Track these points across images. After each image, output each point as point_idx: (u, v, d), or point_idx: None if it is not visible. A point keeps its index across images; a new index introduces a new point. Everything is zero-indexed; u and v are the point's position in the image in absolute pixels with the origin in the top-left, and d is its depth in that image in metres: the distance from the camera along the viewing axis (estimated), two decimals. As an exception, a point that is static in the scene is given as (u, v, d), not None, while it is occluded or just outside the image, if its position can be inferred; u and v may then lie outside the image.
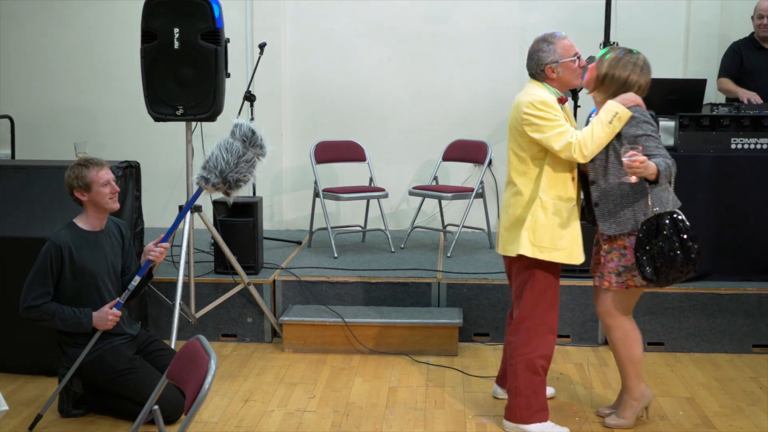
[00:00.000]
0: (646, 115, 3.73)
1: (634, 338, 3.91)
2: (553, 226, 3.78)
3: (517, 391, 3.90)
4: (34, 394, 4.40)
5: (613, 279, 3.83)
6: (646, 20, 6.67)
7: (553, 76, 3.84)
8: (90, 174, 3.94)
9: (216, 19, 4.66)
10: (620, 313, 3.90)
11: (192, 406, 2.67)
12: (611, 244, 3.83)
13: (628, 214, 3.74)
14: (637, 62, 3.80)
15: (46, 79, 7.11)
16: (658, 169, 3.55)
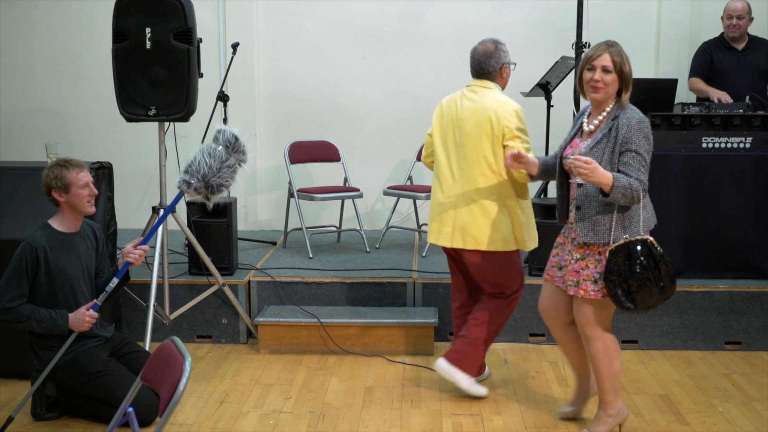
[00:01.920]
0: (649, 134, 3.55)
1: (614, 351, 3.77)
2: (530, 224, 4.24)
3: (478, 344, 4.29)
4: (6, 397, 4.35)
5: (590, 287, 3.65)
6: (617, 21, 6.73)
7: (505, 76, 4.18)
8: (69, 175, 3.90)
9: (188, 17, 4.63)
10: (601, 325, 3.73)
11: (167, 408, 2.65)
12: (584, 251, 3.66)
13: (607, 225, 3.58)
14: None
15: (17, 80, 7.03)
16: (613, 182, 3.42)
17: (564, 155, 3.70)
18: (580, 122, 3.77)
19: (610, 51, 3.58)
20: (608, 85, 3.57)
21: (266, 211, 7.06)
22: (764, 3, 6.52)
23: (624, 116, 3.57)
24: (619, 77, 3.58)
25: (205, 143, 4.07)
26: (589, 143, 3.62)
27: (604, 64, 3.57)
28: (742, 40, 6.02)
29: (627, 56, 3.61)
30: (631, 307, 3.57)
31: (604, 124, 3.62)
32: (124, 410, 3.00)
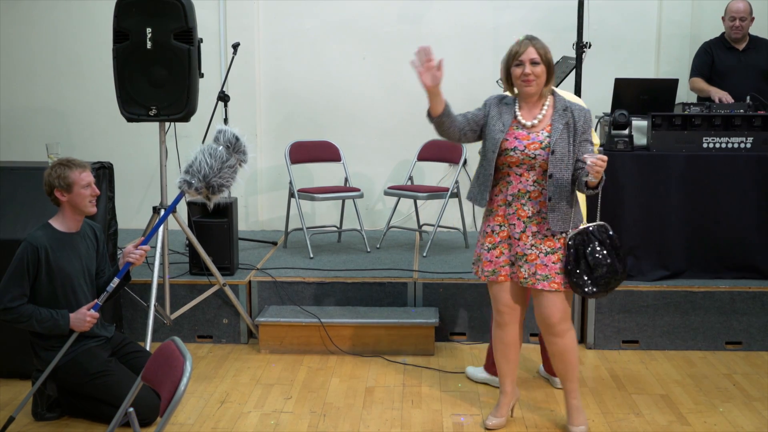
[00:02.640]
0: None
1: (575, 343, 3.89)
2: None
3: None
4: (7, 397, 4.35)
5: (562, 279, 3.70)
6: (618, 21, 6.73)
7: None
8: (72, 174, 3.91)
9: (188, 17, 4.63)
10: (570, 316, 3.83)
11: (168, 408, 2.65)
12: (554, 244, 3.71)
13: (570, 214, 3.70)
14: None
15: (18, 80, 7.03)
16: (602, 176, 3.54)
17: (511, 147, 3.67)
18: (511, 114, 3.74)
19: (534, 44, 3.67)
20: (539, 76, 3.66)
21: (267, 211, 7.06)
22: (764, 3, 6.52)
23: (575, 107, 3.71)
24: (546, 67, 3.67)
25: (205, 143, 4.08)
26: (552, 133, 3.65)
27: (532, 57, 3.65)
28: (743, 40, 6.02)
29: (546, 45, 3.70)
30: (594, 292, 3.67)
31: (556, 114, 3.70)
32: (125, 410, 3.00)
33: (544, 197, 3.69)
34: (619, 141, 5.25)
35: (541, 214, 3.71)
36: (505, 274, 3.83)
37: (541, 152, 3.65)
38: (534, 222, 3.72)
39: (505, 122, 3.74)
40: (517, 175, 3.72)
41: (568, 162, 3.65)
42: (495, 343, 3.99)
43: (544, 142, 3.66)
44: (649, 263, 5.20)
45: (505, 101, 3.81)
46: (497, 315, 3.94)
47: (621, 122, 5.25)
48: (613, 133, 5.26)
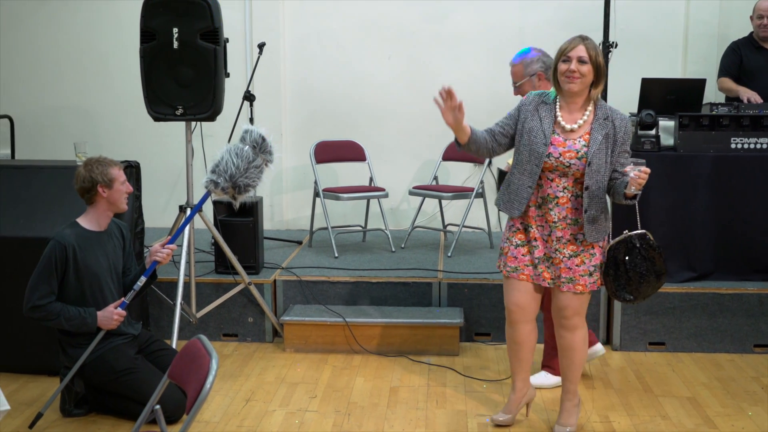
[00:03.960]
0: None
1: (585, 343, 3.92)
2: None
3: None
4: (36, 393, 4.40)
5: (587, 281, 3.73)
6: (645, 20, 6.68)
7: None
8: (113, 171, 3.97)
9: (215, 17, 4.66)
10: (584, 314, 3.87)
11: (193, 406, 2.67)
12: (576, 248, 3.72)
13: (603, 222, 3.73)
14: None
15: (46, 79, 7.10)
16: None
17: (548, 153, 3.64)
18: (551, 116, 3.70)
19: (585, 43, 3.64)
20: (584, 75, 3.62)
21: (292, 211, 7.08)
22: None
23: (617, 116, 3.67)
24: (594, 69, 3.62)
25: (232, 143, 4.10)
26: (591, 145, 3.61)
27: (580, 55, 3.61)
28: (772, 39, 5.96)
29: (598, 48, 3.66)
30: (631, 299, 3.71)
31: (596, 123, 3.65)
32: (151, 407, 3.02)
33: (577, 205, 3.68)
34: (645, 141, 5.21)
35: (567, 219, 3.70)
36: (527, 273, 3.83)
37: (576, 162, 3.62)
38: (559, 227, 3.71)
39: (546, 130, 3.67)
40: (548, 179, 3.70)
41: (604, 173, 3.64)
42: (507, 341, 4.02)
43: (580, 152, 3.62)
44: (676, 265, 5.16)
45: (543, 99, 3.76)
46: (507, 313, 3.96)
47: (648, 122, 5.21)
48: (639, 134, 5.23)
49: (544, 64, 4.37)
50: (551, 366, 4.52)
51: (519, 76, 4.41)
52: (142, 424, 3.09)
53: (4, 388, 3.11)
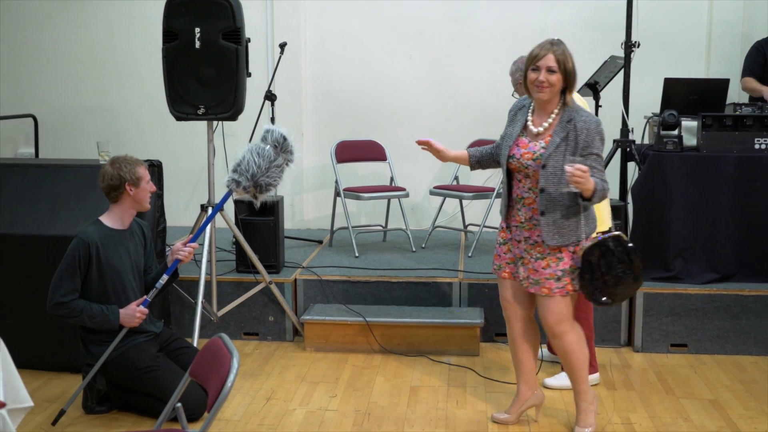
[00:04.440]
0: (604, 134, 3.64)
1: (584, 338, 3.87)
2: None
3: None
4: (59, 390, 4.43)
5: (553, 284, 3.69)
6: (667, 20, 6.63)
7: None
8: (140, 170, 4.01)
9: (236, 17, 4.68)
10: (567, 319, 3.78)
11: (215, 404, 2.68)
12: (543, 250, 3.69)
13: (573, 227, 3.64)
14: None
15: (70, 79, 7.16)
16: (595, 187, 3.49)
17: (510, 154, 3.71)
18: (523, 120, 3.76)
19: (553, 50, 3.62)
20: (553, 85, 3.62)
21: (313, 210, 7.09)
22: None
23: (580, 119, 3.61)
24: (564, 76, 3.61)
25: (253, 142, 4.11)
26: (548, 147, 3.62)
27: (549, 65, 3.61)
28: (797, 39, 5.91)
29: (570, 54, 3.65)
30: (608, 302, 3.65)
31: (559, 126, 3.64)
32: (173, 405, 3.04)
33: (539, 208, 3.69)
34: (668, 141, 5.18)
35: (533, 221, 3.71)
36: (508, 271, 3.88)
37: (531, 163, 3.65)
38: (526, 227, 3.74)
39: (516, 129, 3.75)
40: (517, 180, 3.75)
41: (562, 176, 3.56)
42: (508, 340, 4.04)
43: (536, 154, 3.65)
44: (699, 266, 5.13)
45: (524, 103, 3.83)
46: (502, 309, 4.00)
47: (670, 122, 5.18)
48: (662, 134, 5.20)
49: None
50: None
51: (513, 84, 4.53)
52: (164, 421, 3.11)
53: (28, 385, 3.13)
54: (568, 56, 3.63)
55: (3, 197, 4.75)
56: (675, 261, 5.15)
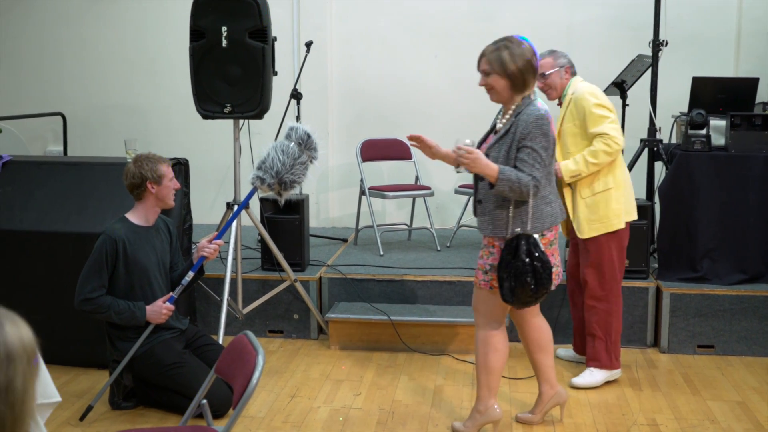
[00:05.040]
0: (546, 129, 3.54)
1: (493, 346, 3.76)
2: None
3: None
4: (86, 386, 4.48)
5: (480, 276, 3.73)
6: (696, 18, 6.57)
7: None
8: (162, 167, 4.03)
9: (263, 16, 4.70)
10: (487, 315, 3.76)
11: (240, 401, 2.69)
12: (484, 241, 3.73)
13: (504, 219, 3.59)
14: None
15: (98, 77, 7.22)
16: (497, 174, 3.46)
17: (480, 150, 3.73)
18: (495, 120, 3.80)
19: (487, 55, 3.62)
20: (493, 86, 3.61)
21: (338, 209, 7.10)
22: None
23: (524, 113, 3.56)
24: (505, 77, 3.56)
25: (278, 140, 4.13)
26: (494, 139, 3.66)
27: (482, 68, 3.64)
28: (828, 37, 5.84)
29: (516, 54, 3.54)
30: (510, 301, 3.60)
31: (508, 121, 3.64)
32: (198, 402, 3.06)
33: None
34: (696, 141, 5.14)
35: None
36: None
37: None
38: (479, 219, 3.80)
39: (489, 127, 3.82)
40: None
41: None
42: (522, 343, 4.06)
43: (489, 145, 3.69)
44: (727, 266, 5.08)
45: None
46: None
47: (698, 122, 5.14)
48: (690, 133, 5.16)
49: (570, 61, 4.51)
50: (596, 359, 4.51)
51: (548, 67, 4.46)
52: (189, 418, 3.13)
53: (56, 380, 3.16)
54: (505, 58, 3.54)
55: (32, 194, 4.80)
56: (702, 261, 5.11)
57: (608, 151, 4.25)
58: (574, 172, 4.31)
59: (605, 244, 4.41)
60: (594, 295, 4.46)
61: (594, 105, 4.30)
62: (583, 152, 4.30)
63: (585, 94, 4.34)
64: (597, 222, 4.38)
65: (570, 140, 4.40)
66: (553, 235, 3.69)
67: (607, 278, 4.44)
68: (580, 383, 4.49)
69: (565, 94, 4.46)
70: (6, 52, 7.29)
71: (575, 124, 4.37)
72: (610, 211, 4.37)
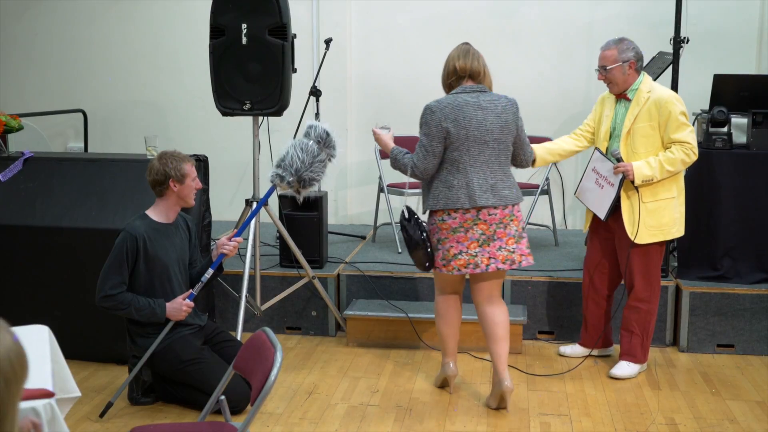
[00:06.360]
0: (428, 118, 4.08)
1: (437, 312, 4.27)
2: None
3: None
4: (105, 381, 4.51)
5: None
6: (718, 14, 6.51)
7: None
8: (186, 166, 4.04)
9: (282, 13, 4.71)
10: (437, 287, 4.26)
11: (258, 397, 2.71)
12: None
13: (429, 194, 4.06)
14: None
15: (118, 75, 7.26)
16: (390, 153, 4.18)
17: None
18: None
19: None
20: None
21: (356, 206, 7.11)
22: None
23: None
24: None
25: (297, 138, 4.14)
26: None
27: None
28: None
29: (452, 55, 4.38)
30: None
31: None
32: (216, 398, 3.07)
33: None
34: (717, 139, 5.10)
35: None
36: None
37: None
38: None
39: None
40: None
41: None
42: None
43: None
44: (747, 265, 5.04)
45: None
46: None
47: (719, 119, 5.10)
48: (711, 131, 5.12)
49: (637, 53, 4.40)
50: (632, 354, 4.56)
51: (611, 60, 4.39)
52: (208, 414, 3.15)
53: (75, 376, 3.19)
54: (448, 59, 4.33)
55: (52, 190, 4.84)
56: (723, 260, 5.07)
57: (686, 161, 4.30)
58: (647, 177, 4.28)
59: (656, 251, 4.44)
60: (639, 297, 4.51)
61: (680, 112, 4.30)
62: (658, 158, 4.27)
63: (672, 98, 4.32)
64: (656, 229, 4.37)
65: (641, 140, 4.34)
66: (457, 222, 3.97)
67: (653, 282, 4.50)
68: (619, 374, 4.55)
69: (635, 89, 4.38)
70: (28, 49, 7.34)
71: (651, 125, 4.32)
72: (672, 219, 4.39)
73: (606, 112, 4.52)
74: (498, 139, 4.01)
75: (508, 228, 4.02)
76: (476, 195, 3.93)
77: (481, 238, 3.98)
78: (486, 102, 4.07)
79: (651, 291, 4.51)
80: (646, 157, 4.31)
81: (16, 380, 1.45)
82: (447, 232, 3.98)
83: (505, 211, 4.01)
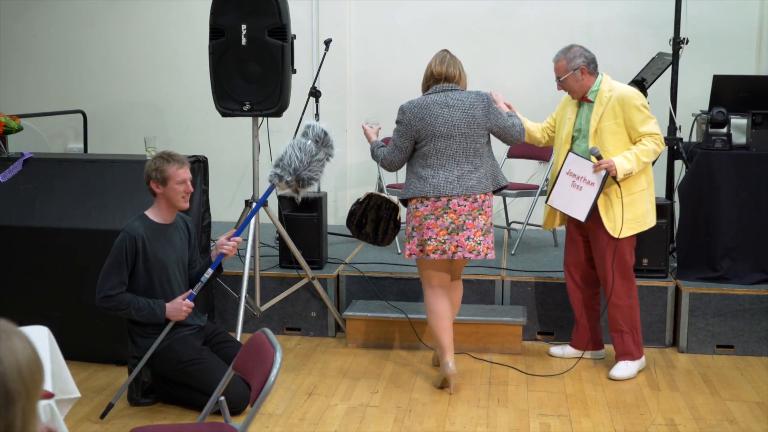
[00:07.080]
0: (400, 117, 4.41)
1: (426, 307, 4.43)
2: None
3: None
4: (105, 382, 4.51)
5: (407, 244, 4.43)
6: (717, 15, 6.52)
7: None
8: (169, 169, 4.02)
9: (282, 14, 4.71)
10: (424, 281, 4.44)
11: (258, 398, 2.71)
12: None
13: (406, 183, 4.37)
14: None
15: (118, 75, 7.26)
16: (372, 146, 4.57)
17: None
18: None
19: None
20: None
21: (356, 206, 7.10)
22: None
23: None
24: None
25: (295, 138, 4.15)
26: None
27: None
28: None
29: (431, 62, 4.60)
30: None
31: None
32: (216, 399, 3.07)
33: None
34: (716, 139, 5.10)
35: None
36: None
37: None
38: None
39: None
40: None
41: None
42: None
43: None
44: (747, 266, 5.04)
45: None
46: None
47: (719, 120, 5.10)
48: (710, 132, 5.12)
49: (586, 58, 4.48)
50: (628, 353, 4.58)
51: (563, 71, 4.51)
52: (207, 414, 3.15)
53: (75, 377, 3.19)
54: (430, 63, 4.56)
55: (52, 191, 4.84)
56: (722, 261, 5.07)
57: (657, 150, 4.42)
58: (627, 170, 4.35)
59: (627, 244, 4.47)
60: (618, 294, 4.53)
61: (642, 105, 4.39)
62: (633, 151, 4.35)
63: (633, 94, 4.41)
64: (633, 222, 4.45)
65: (609, 138, 4.40)
66: (429, 210, 4.23)
67: (628, 276, 4.54)
68: (619, 375, 4.56)
69: (595, 90, 4.44)
70: (28, 50, 7.35)
71: (617, 122, 4.39)
72: (645, 210, 4.48)
73: (568, 115, 4.60)
74: (465, 134, 4.25)
75: (476, 221, 4.26)
76: (441, 186, 4.22)
77: (451, 227, 4.23)
78: (453, 100, 4.33)
79: (628, 284, 4.55)
80: (616, 154, 4.37)
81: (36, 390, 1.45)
82: (420, 219, 4.29)
83: (474, 204, 4.25)
